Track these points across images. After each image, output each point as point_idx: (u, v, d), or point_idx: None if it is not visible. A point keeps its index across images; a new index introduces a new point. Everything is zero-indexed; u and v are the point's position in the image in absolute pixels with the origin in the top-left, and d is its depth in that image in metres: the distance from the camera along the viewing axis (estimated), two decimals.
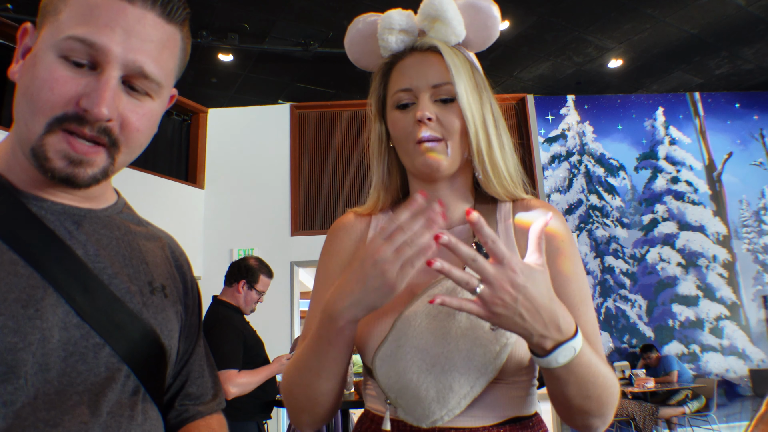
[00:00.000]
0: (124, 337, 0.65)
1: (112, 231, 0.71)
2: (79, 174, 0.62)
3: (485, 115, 0.85)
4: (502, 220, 0.86)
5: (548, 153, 6.01)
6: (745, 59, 5.50)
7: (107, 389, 0.62)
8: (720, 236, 5.81)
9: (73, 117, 0.60)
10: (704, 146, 6.08)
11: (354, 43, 0.94)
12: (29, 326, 0.57)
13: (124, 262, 0.70)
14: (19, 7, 4.10)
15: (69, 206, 0.68)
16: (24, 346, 0.57)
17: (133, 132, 0.65)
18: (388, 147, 0.93)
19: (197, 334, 0.83)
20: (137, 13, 0.62)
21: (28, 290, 0.59)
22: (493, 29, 0.90)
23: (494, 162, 0.85)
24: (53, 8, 0.63)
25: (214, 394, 0.82)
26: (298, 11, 4.35)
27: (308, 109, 5.96)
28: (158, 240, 0.80)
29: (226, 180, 5.70)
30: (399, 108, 0.86)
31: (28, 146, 0.61)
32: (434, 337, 0.73)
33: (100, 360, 0.62)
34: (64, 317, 0.60)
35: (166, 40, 0.66)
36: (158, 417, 0.70)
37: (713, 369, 5.44)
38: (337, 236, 0.94)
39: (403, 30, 0.88)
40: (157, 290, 0.72)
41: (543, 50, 5.17)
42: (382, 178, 0.94)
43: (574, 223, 5.82)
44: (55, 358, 0.59)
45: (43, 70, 0.60)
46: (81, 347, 0.61)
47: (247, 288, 2.64)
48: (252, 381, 2.44)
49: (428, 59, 0.85)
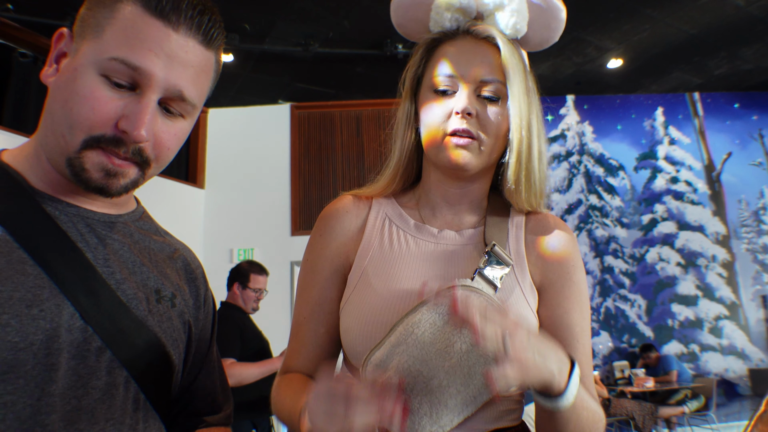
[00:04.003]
0: (127, 343, 0.64)
1: (125, 237, 0.71)
2: (113, 185, 0.64)
3: (532, 120, 0.80)
4: (513, 230, 0.82)
5: (548, 153, 6.00)
6: (744, 59, 5.50)
7: (107, 395, 0.62)
8: (719, 236, 5.81)
9: (111, 139, 0.61)
10: (703, 146, 6.08)
11: (402, 5, 0.85)
12: (32, 326, 0.57)
13: (133, 268, 0.69)
14: (19, 7, 4.10)
15: (84, 209, 0.68)
16: (25, 346, 0.56)
17: (164, 150, 0.67)
18: (413, 128, 0.85)
19: (208, 348, 0.81)
20: (181, 40, 0.64)
21: (34, 290, 0.59)
22: (556, 32, 0.85)
23: (530, 172, 0.80)
24: (96, 24, 0.63)
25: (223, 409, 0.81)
26: (298, 11, 4.35)
27: (308, 109, 5.96)
28: (173, 251, 0.79)
29: (226, 180, 5.70)
30: (437, 92, 0.79)
31: (64, 156, 0.62)
32: (436, 350, 0.68)
33: (101, 364, 0.62)
34: (68, 319, 0.60)
35: (204, 64, 0.68)
36: (160, 427, 0.70)
37: (712, 368, 5.45)
38: (328, 224, 0.86)
39: (462, 8, 0.80)
40: (164, 299, 0.71)
41: (542, 50, 5.16)
42: (402, 159, 0.86)
43: (574, 223, 5.82)
44: (57, 360, 0.58)
45: (83, 87, 0.60)
46: (83, 350, 0.61)
47: (242, 288, 2.79)
48: (248, 373, 2.47)
49: (482, 49, 0.78)
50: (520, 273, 0.79)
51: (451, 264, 0.79)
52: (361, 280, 0.79)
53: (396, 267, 0.79)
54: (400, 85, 0.87)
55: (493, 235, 0.80)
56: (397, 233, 0.83)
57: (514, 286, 0.77)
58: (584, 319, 0.78)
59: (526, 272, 0.79)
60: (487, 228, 0.81)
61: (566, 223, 5.79)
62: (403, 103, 0.86)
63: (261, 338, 2.76)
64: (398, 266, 0.79)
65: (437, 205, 0.85)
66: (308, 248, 0.87)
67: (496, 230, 0.81)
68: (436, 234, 0.82)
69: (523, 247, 0.81)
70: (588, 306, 0.80)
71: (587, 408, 0.68)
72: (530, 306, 0.77)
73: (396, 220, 0.85)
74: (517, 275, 0.78)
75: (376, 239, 0.83)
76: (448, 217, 0.84)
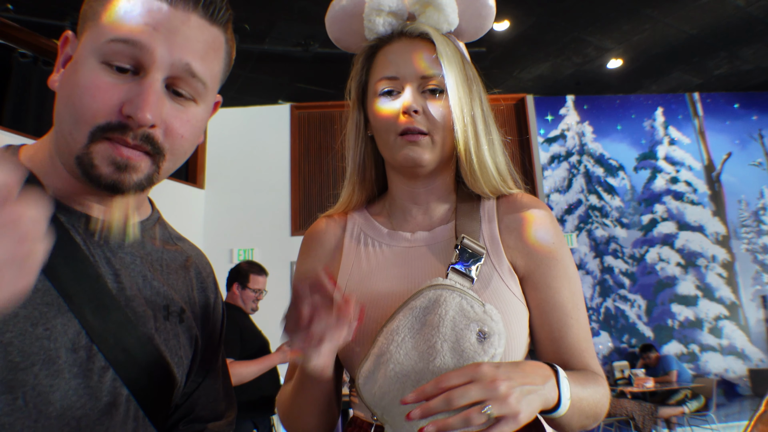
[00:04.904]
0: (131, 362, 0.62)
1: (137, 249, 0.69)
2: (125, 180, 0.60)
3: (474, 109, 0.81)
4: (485, 217, 0.83)
5: (548, 153, 6.02)
6: (744, 60, 5.50)
7: (106, 415, 0.60)
8: (719, 236, 5.81)
9: (117, 126, 0.58)
10: (703, 146, 6.09)
11: (336, 20, 0.87)
12: (36, 346, 0.55)
13: (143, 283, 0.67)
14: (19, 7, 4.11)
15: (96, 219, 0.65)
16: (26, 366, 0.55)
17: (178, 139, 0.63)
18: (365, 137, 0.88)
19: (214, 356, 0.80)
20: (180, 15, 0.61)
21: (41, 307, 0.57)
22: (488, 19, 0.86)
23: (482, 159, 0.81)
24: (93, 13, 0.61)
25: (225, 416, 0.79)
26: (298, 11, 4.35)
27: (308, 109, 5.96)
28: (186, 259, 0.76)
29: (226, 180, 5.70)
30: (382, 96, 0.81)
31: (72, 155, 0.59)
32: (418, 353, 0.69)
33: (104, 384, 0.60)
34: (74, 337, 0.58)
35: (211, 41, 0.64)
36: None
37: (712, 369, 5.45)
38: (309, 246, 0.89)
39: (392, 12, 0.82)
40: (172, 315, 0.69)
41: (542, 50, 5.17)
42: (357, 170, 0.89)
43: (574, 223, 5.82)
44: (58, 381, 0.57)
45: (84, 77, 0.58)
46: (86, 369, 0.59)
47: (241, 288, 2.80)
48: (248, 371, 2.47)
49: (417, 46, 0.80)
50: (497, 259, 0.78)
51: (425, 264, 0.80)
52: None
53: (372, 277, 0.81)
54: (347, 95, 0.89)
55: (464, 226, 0.80)
56: (372, 245, 0.85)
57: (492, 273, 0.77)
58: (574, 294, 0.78)
59: (502, 257, 0.79)
60: (458, 221, 0.81)
61: (566, 223, 5.83)
62: (351, 113, 0.88)
63: (261, 338, 2.77)
64: (374, 276, 0.81)
65: (406, 209, 0.86)
66: (296, 270, 0.90)
67: (467, 220, 0.81)
68: (409, 238, 0.83)
69: (497, 232, 0.81)
70: (577, 280, 0.80)
71: (585, 398, 0.69)
72: (511, 290, 0.77)
73: (369, 232, 0.86)
74: (494, 262, 0.78)
75: (353, 255, 0.85)
76: (419, 219, 0.85)
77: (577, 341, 0.76)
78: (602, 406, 0.73)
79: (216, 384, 0.79)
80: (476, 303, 0.70)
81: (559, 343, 0.76)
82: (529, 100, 6.08)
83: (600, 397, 0.72)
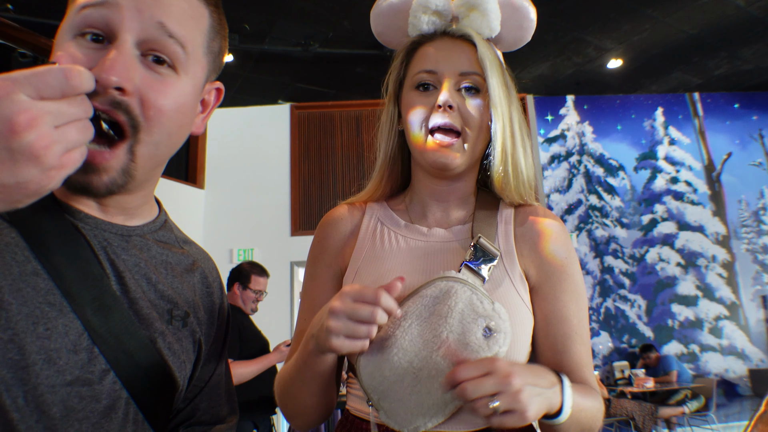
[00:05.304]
0: (132, 365, 0.61)
1: (141, 252, 0.68)
2: (93, 181, 0.58)
3: (513, 112, 0.82)
4: (502, 223, 0.84)
5: (548, 153, 6.02)
6: (744, 60, 5.50)
7: (105, 418, 0.59)
8: (719, 236, 5.81)
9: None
10: (703, 146, 6.08)
11: (382, 14, 0.89)
12: (36, 345, 0.55)
13: (148, 286, 0.66)
14: (19, 8, 4.11)
15: (101, 221, 0.65)
16: (26, 365, 0.54)
17: (155, 112, 0.58)
18: (397, 130, 0.88)
19: (218, 361, 0.79)
20: None
21: (43, 306, 0.56)
22: (528, 31, 0.88)
23: (516, 163, 0.82)
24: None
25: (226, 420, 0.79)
26: (298, 11, 4.35)
27: (308, 110, 5.96)
28: (192, 263, 0.75)
29: (226, 180, 5.70)
30: (418, 88, 0.82)
31: None
32: (423, 341, 0.70)
33: (104, 387, 0.59)
34: (75, 339, 0.57)
35: (189, 9, 0.61)
36: None
37: (712, 369, 5.45)
38: (325, 232, 0.89)
39: (438, 12, 0.84)
40: (176, 318, 0.68)
41: (543, 50, 5.17)
42: (386, 162, 0.89)
43: (574, 223, 5.82)
44: (58, 382, 0.56)
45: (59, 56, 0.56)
46: (87, 372, 0.58)
47: (242, 289, 2.80)
48: (247, 371, 2.48)
49: (459, 46, 0.82)
50: (510, 264, 0.80)
51: (439, 258, 0.81)
52: (355, 280, 0.82)
53: (385, 264, 0.82)
54: (383, 89, 0.90)
55: (481, 229, 0.82)
56: (388, 234, 0.86)
57: (503, 276, 0.78)
58: (581, 310, 0.80)
59: (515, 263, 0.80)
60: (476, 223, 0.83)
61: (566, 223, 5.82)
62: (386, 107, 0.89)
63: (260, 338, 2.77)
64: (387, 263, 0.82)
65: (426, 204, 0.87)
66: (309, 256, 0.90)
67: (484, 224, 0.83)
68: (425, 232, 0.85)
69: (513, 240, 0.82)
70: (585, 296, 0.82)
71: (584, 409, 0.71)
72: (520, 296, 0.78)
73: (387, 223, 0.87)
74: (507, 266, 0.79)
75: (369, 241, 0.86)
76: (437, 215, 0.87)
77: (579, 356, 0.78)
78: (597, 421, 0.75)
79: (218, 389, 0.78)
80: (486, 299, 0.71)
81: (561, 356, 0.78)
82: (529, 100, 6.08)
83: (596, 411, 0.74)
